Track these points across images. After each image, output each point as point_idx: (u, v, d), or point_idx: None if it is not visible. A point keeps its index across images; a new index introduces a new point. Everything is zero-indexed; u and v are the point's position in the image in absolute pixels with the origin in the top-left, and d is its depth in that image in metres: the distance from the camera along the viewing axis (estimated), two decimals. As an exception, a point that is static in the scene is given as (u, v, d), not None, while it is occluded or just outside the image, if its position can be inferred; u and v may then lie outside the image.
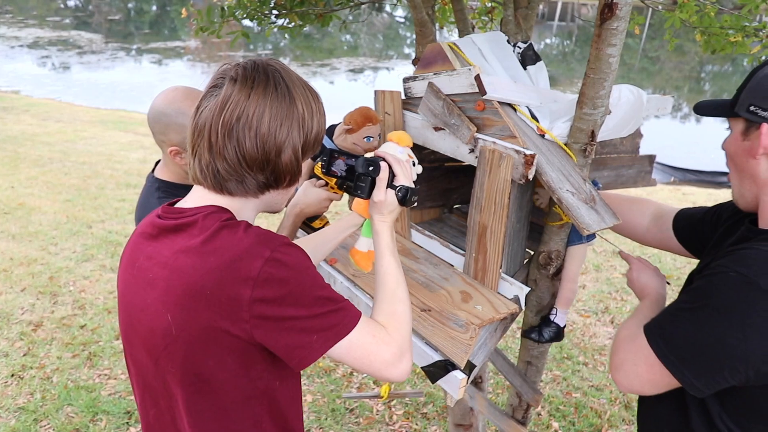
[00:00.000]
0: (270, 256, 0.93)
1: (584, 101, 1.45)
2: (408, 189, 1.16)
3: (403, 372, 1.04)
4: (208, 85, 1.01)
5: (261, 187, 1.03)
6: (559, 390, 3.33)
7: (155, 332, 0.99)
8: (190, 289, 0.93)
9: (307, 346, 0.96)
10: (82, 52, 19.26)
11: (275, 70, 1.00)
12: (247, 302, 0.91)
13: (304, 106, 1.01)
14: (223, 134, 0.96)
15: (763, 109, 1.05)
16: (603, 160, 1.90)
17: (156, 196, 1.59)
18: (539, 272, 1.70)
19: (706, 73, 20.20)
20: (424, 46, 1.78)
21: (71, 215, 5.46)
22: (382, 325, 1.06)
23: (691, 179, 8.95)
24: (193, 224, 0.98)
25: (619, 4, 1.31)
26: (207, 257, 0.94)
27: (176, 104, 1.53)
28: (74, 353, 3.43)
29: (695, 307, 1.05)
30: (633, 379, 1.13)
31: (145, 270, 1.02)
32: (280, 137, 0.98)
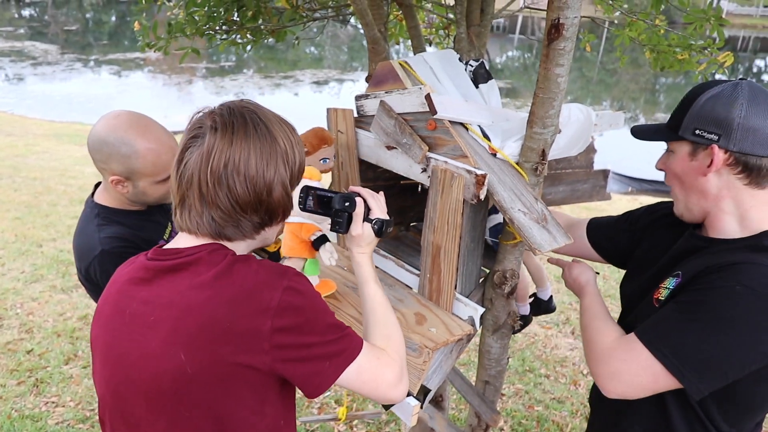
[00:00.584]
0: (287, 285, 0.96)
1: (534, 120, 1.45)
2: (383, 221, 1.24)
3: (403, 392, 1.12)
4: (186, 135, 1.01)
5: (257, 227, 1.06)
6: (521, 403, 3.33)
7: (163, 376, 0.97)
8: (206, 325, 0.93)
9: (322, 372, 1.00)
10: (36, 63, 18.71)
11: (251, 111, 1.02)
12: (268, 333, 0.93)
13: (284, 141, 1.03)
14: (213, 183, 0.98)
15: (708, 131, 1.17)
16: (558, 175, 1.90)
17: (95, 223, 1.52)
18: (494, 291, 1.68)
19: (660, 85, 20.89)
20: (377, 64, 1.75)
21: (20, 234, 5.24)
22: (382, 349, 1.12)
23: (648, 189, 9.19)
24: (197, 262, 0.99)
25: (565, 24, 1.31)
26: (222, 291, 0.95)
27: (119, 133, 1.45)
28: (20, 380, 3.27)
29: (703, 319, 1.11)
30: (631, 387, 1.17)
31: (141, 315, 1.00)
32: (268, 176, 1.01)
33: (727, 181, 1.19)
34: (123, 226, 1.55)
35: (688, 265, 1.24)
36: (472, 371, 3.51)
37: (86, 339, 3.68)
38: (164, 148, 1.51)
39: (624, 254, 1.56)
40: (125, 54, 21.20)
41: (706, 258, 1.21)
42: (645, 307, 1.32)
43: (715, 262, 1.17)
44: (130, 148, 1.45)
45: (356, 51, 24.42)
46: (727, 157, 1.16)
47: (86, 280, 1.54)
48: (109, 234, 1.51)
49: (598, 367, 1.22)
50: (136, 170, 1.48)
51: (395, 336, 1.17)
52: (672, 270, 1.29)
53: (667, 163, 1.29)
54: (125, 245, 1.50)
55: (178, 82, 17.87)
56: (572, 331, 4.11)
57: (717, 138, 1.16)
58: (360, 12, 1.83)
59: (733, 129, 1.14)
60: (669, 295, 1.24)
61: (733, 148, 1.15)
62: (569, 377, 3.58)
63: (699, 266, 1.20)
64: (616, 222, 1.59)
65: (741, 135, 1.14)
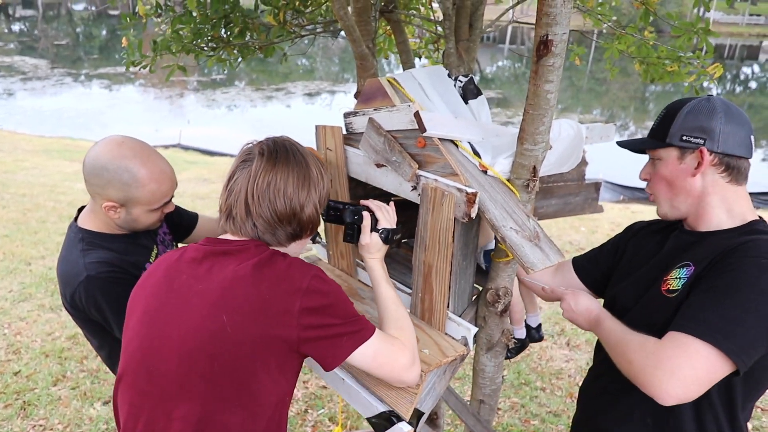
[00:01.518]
0: (314, 274, 1.18)
1: (525, 137, 1.43)
2: (389, 231, 1.45)
3: (417, 374, 1.31)
4: (237, 161, 1.25)
5: (289, 237, 1.27)
6: (517, 418, 3.30)
7: (204, 334, 1.13)
8: (249, 296, 1.13)
9: (340, 346, 1.19)
10: (26, 78, 18.65)
11: (291, 144, 1.28)
12: (297, 312, 1.13)
13: (316, 171, 1.27)
14: (258, 197, 1.20)
15: (695, 137, 1.33)
16: (550, 188, 1.89)
17: (79, 248, 1.49)
18: (488, 309, 1.65)
19: (650, 93, 21.09)
20: (366, 80, 1.74)
21: (8, 251, 5.18)
22: (395, 337, 1.31)
23: (640, 197, 9.24)
24: (245, 250, 1.20)
25: (554, 41, 1.30)
26: (264, 272, 1.15)
27: (122, 161, 1.43)
28: (6, 403, 3.20)
29: (740, 296, 1.17)
30: (690, 385, 1.15)
31: (190, 285, 1.19)
32: (302, 196, 1.23)
33: (712, 180, 1.33)
34: (108, 250, 1.52)
35: (691, 254, 1.33)
36: (467, 386, 3.48)
37: (75, 359, 3.62)
38: (164, 177, 1.50)
39: (610, 275, 1.61)
40: (116, 68, 21.18)
41: (709, 246, 1.30)
42: (653, 299, 1.35)
43: (723, 246, 1.27)
44: (132, 177, 1.44)
45: (347, 62, 24.51)
46: (712, 158, 1.31)
47: (72, 307, 1.50)
48: (94, 259, 1.47)
49: (651, 372, 1.17)
50: (134, 198, 1.46)
51: (407, 327, 1.35)
52: (674, 263, 1.35)
53: (653, 171, 1.43)
54: (111, 270, 1.47)
55: (170, 95, 17.85)
56: (567, 343, 4.09)
57: (703, 141, 1.31)
58: (347, 28, 1.81)
59: (716, 133, 1.30)
60: (684, 284, 1.29)
61: (718, 150, 1.31)
62: (565, 390, 3.55)
63: (708, 253, 1.28)
64: (599, 249, 1.70)
65: (723, 138, 1.30)
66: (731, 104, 1.34)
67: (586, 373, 3.74)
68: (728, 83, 24.83)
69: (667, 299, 1.30)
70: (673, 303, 1.28)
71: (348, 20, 1.80)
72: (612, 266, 1.60)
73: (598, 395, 1.52)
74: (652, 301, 1.36)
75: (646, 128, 16.62)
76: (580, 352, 3.97)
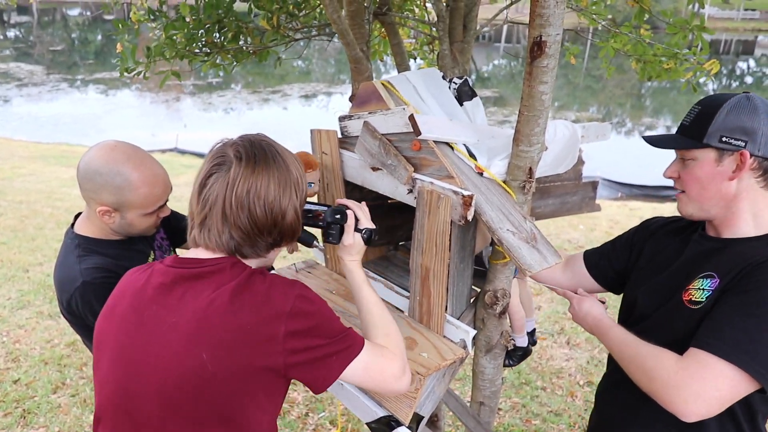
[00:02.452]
0: (298, 293, 1.09)
1: (520, 138, 1.43)
2: (371, 230, 1.36)
3: (408, 382, 1.23)
4: (209, 162, 1.13)
5: (269, 247, 1.18)
6: (518, 418, 3.29)
7: (183, 374, 1.05)
8: (230, 328, 1.04)
9: (329, 366, 1.11)
10: (22, 84, 18.62)
11: (269, 145, 1.16)
12: (282, 337, 1.05)
13: (296, 172, 1.17)
14: (236, 206, 1.09)
15: (735, 138, 1.24)
16: (547, 188, 1.89)
17: (76, 254, 1.48)
18: (486, 311, 1.65)
19: (646, 89, 21.10)
20: (360, 83, 1.73)
21: (6, 259, 5.16)
22: (383, 346, 1.22)
23: (637, 194, 9.24)
24: (219, 272, 1.10)
25: (547, 42, 1.29)
26: (243, 298, 1.06)
27: (115, 165, 1.43)
28: (6, 411, 3.19)
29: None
30: (713, 405, 1.14)
31: (162, 317, 1.09)
32: (284, 202, 1.14)
33: (747, 184, 1.27)
34: (104, 256, 1.51)
35: (715, 264, 1.28)
36: (467, 387, 3.48)
37: (74, 366, 3.61)
38: (157, 181, 1.50)
39: (624, 273, 1.56)
40: (111, 73, 21.13)
41: (733, 256, 1.26)
42: (675, 308, 1.31)
43: (750, 258, 1.22)
44: (125, 180, 1.43)
45: (344, 64, 24.49)
46: (752, 162, 1.24)
47: (68, 313, 1.50)
48: (90, 265, 1.47)
49: (675, 392, 1.16)
50: (128, 202, 1.46)
51: (393, 333, 1.27)
52: (696, 271, 1.30)
53: (684, 171, 1.34)
54: (107, 275, 1.46)
55: (166, 99, 17.83)
56: (567, 341, 4.08)
57: (744, 144, 1.23)
58: (341, 32, 1.81)
59: (759, 135, 1.23)
60: (709, 296, 1.24)
61: (759, 153, 1.23)
62: (566, 389, 3.55)
63: (733, 264, 1.23)
64: (612, 245, 1.62)
65: (765, 141, 1.23)
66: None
67: (586, 371, 3.75)
68: (724, 78, 24.86)
69: (691, 311, 1.26)
70: (697, 315, 1.24)
71: (341, 24, 1.80)
72: (627, 265, 1.55)
73: (617, 404, 1.48)
74: (673, 311, 1.31)
75: (643, 125, 16.63)
76: (580, 350, 3.97)
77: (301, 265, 2.01)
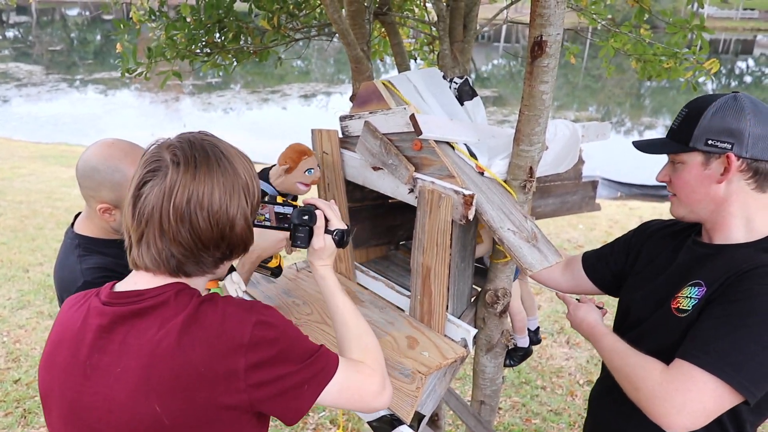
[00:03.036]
0: (256, 320, 0.95)
1: (521, 138, 1.44)
2: (343, 231, 1.23)
3: (388, 398, 1.12)
4: (142, 168, 0.97)
5: (217, 262, 1.03)
6: (518, 417, 3.30)
7: (137, 428, 0.92)
8: (181, 372, 0.90)
9: (300, 397, 0.99)
10: (21, 84, 18.60)
11: (212, 145, 1.00)
12: (243, 371, 0.92)
13: (245, 174, 1.01)
14: (175, 219, 0.94)
15: (721, 141, 1.22)
16: (547, 188, 1.89)
17: (76, 254, 1.48)
18: (487, 311, 1.66)
19: (645, 89, 21.10)
20: (361, 83, 1.74)
21: (6, 259, 5.16)
22: (360, 361, 1.12)
23: (637, 193, 9.25)
24: (164, 305, 0.95)
25: (548, 41, 1.30)
26: (193, 334, 0.92)
27: (113, 161, 1.43)
28: (7, 411, 3.19)
29: (753, 328, 1.12)
30: (699, 417, 1.13)
31: (104, 366, 0.95)
32: (231, 210, 0.98)
33: (737, 187, 1.24)
34: (105, 255, 1.52)
35: (704, 272, 1.26)
36: (468, 386, 3.48)
37: (75, 366, 3.61)
38: None
39: (621, 276, 1.56)
40: (111, 73, 21.12)
41: (723, 263, 1.24)
42: (663, 316, 1.30)
43: (737, 267, 1.20)
44: (123, 176, 1.44)
45: (343, 63, 24.49)
46: (740, 164, 1.22)
47: None
48: (90, 265, 1.47)
49: (659, 404, 1.16)
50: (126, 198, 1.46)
51: (371, 345, 1.16)
52: (685, 279, 1.29)
53: (674, 174, 1.33)
54: (108, 275, 1.46)
55: (165, 99, 17.82)
56: (567, 341, 4.09)
57: (731, 146, 1.21)
58: (342, 32, 1.81)
59: (745, 137, 1.20)
60: (695, 304, 1.23)
61: (746, 155, 1.21)
62: (566, 388, 3.55)
63: (721, 273, 1.22)
64: (610, 247, 1.61)
65: (752, 142, 1.20)
66: (759, 102, 1.24)
67: (586, 371, 3.75)
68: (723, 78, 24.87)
69: (677, 318, 1.26)
70: (683, 323, 1.24)
71: (342, 24, 1.80)
72: (624, 267, 1.55)
73: (610, 409, 1.48)
74: (662, 319, 1.31)
75: (642, 124, 16.63)
76: (580, 350, 3.97)
77: (302, 264, 2.01)
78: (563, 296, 1.60)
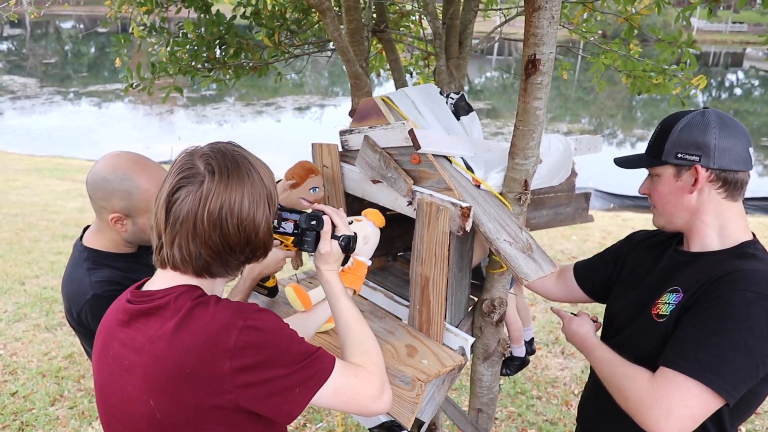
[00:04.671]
0: (244, 324, 0.98)
1: (515, 152, 1.48)
2: (349, 237, 1.27)
3: (387, 402, 1.14)
4: (176, 175, 1.03)
5: (240, 264, 1.10)
6: (514, 427, 3.32)
7: (139, 420, 1.01)
8: (171, 373, 0.97)
9: (291, 400, 1.01)
10: (15, 97, 18.61)
11: (242, 156, 1.07)
12: (228, 374, 0.96)
13: (269, 183, 1.09)
14: (209, 224, 1.01)
15: (689, 154, 1.31)
16: (541, 200, 1.94)
17: (84, 267, 1.51)
18: (483, 320, 1.70)
19: (637, 101, 21.32)
20: (360, 98, 1.79)
21: (2, 272, 5.16)
22: (359, 365, 1.14)
23: (629, 205, 9.33)
24: (165, 306, 1.02)
25: (541, 60, 1.35)
26: (183, 338, 0.97)
27: (121, 170, 1.47)
28: (4, 424, 3.19)
29: (729, 332, 1.17)
30: (686, 422, 1.17)
31: (120, 357, 1.04)
32: (258, 218, 1.06)
33: (709, 196, 1.32)
34: (113, 269, 1.54)
35: (681, 279, 1.33)
36: (464, 396, 3.51)
37: (72, 378, 3.61)
38: None
39: (610, 284, 1.62)
40: (105, 85, 21.17)
41: (699, 270, 1.30)
42: (644, 322, 1.36)
43: (711, 273, 1.26)
44: (132, 184, 1.47)
45: (336, 76, 24.64)
46: (708, 174, 1.30)
47: (78, 325, 1.52)
48: (99, 278, 1.50)
49: (647, 411, 1.20)
50: (137, 206, 1.49)
51: (372, 349, 1.20)
52: (665, 286, 1.36)
53: (652, 187, 1.42)
54: (116, 288, 1.49)
55: (160, 112, 17.86)
56: (562, 351, 4.13)
57: (698, 158, 1.30)
58: (341, 49, 1.87)
59: (711, 149, 1.29)
60: (673, 310, 1.30)
61: (714, 166, 1.29)
62: (561, 398, 3.58)
63: (696, 279, 1.28)
64: (599, 257, 1.68)
65: (719, 154, 1.28)
66: (726, 116, 1.32)
67: (581, 381, 3.78)
68: (714, 90, 25.16)
69: (656, 324, 1.32)
70: (661, 328, 1.30)
71: (342, 41, 1.86)
72: (611, 276, 1.61)
73: (598, 415, 1.53)
74: (643, 324, 1.37)
75: (634, 136, 16.80)
76: (575, 360, 4.01)
77: (302, 275, 2.05)
78: (557, 310, 1.65)
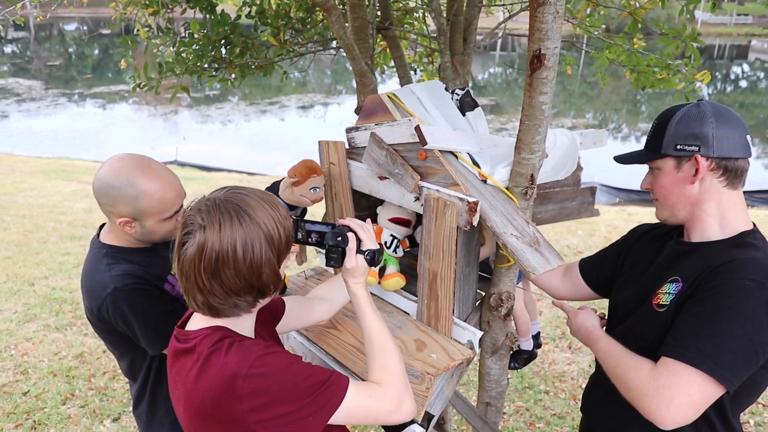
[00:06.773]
0: (247, 373, 1.04)
1: (521, 146, 1.49)
2: (374, 251, 1.31)
3: (406, 413, 1.18)
4: (180, 231, 1.10)
5: (251, 304, 1.15)
6: (522, 421, 3.33)
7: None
8: (198, 410, 1.08)
9: (307, 426, 1.08)
10: (20, 99, 18.71)
11: (234, 204, 1.09)
12: (244, 414, 1.04)
13: (267, 223, 1.10)
14: (207, 277, 1.07)
15: (688, 145, 1.34)
16: (547, 194, 1.95)
17: (105, 262, 1.53)
18: (491, 314, 1.71)
19: (642, 95, 21.24)
20: (365, 96, 1.80)
21: (11, 273, 5.20)
22: (376, 383, 1.18)
23: (635, 199, 9.32)
24: (192, 350, 1.12)
25: (546, 54, 1.36)
26: (202, 384, 1.07)
27: (125, 176, 1.49)
28: (17, 423, 3.23)
29: (728, 320, 1.19)
30: (687, 410, 1.19)
31: (174, 385, 1.18)
32: (256, 261, 1.08)
33: (710, 185, 1.34)
34: (132, 263, 1.57)
35: (681, 269, 1.34)
36: (473, 391, 3.52)
37: (83, 377, 3.65)
38: (169, 186, 1.55)
39: (613, 278, 1.63)
40: (109, 87, 21.24)
41: (698, 260, 1.32)
42: (645, 312, 1.38)
43: (710, 263, 1.28)
44: (137, 189, 1.49)
45: (340, 74, 24.65)
46: (709, 163, 1.32)
47: (97, 319, 1.54)
48: (119, 272, 1.52)
49: (649, 401, 1.22)
50: (143, 210, 1.51)
51: (390, 364, 1.22)
52: (666, 275, 1.38)
53: (653, 181, 1.44)
54: (136, 282, 1.52)
55: (164, 112, 17.92)
56: (569, 345, 4.13)
57: (698, 148, 1.32)
58: (347, 47, 1.88)
59: (709, 138, 1.31)
60: (672, 299, 1.31)
61: (713, 154, 1.31)
62: (569, 392, 3.59)
63: (696, 269, 1.30)
64: (604, 252, 1.71)
65: (717, 142, 1.31)
66: (721, 106, 1.35)
67: (588, 375, 3.78)
68: (719, 83, 25.03)
69: (657, 313, 1.33)
70: (662, 317, 1.32)
71: (347, 39, 1.87)
72: (614, 270, 1.62)
73: (601, 403, 1.55)
74: (644, 314, 1.39)
75: (638, 130, 16.74)
76: (582, 354, 4.01)
77: (310, 272, 2.07)
78: (561, 304, 1.67)
